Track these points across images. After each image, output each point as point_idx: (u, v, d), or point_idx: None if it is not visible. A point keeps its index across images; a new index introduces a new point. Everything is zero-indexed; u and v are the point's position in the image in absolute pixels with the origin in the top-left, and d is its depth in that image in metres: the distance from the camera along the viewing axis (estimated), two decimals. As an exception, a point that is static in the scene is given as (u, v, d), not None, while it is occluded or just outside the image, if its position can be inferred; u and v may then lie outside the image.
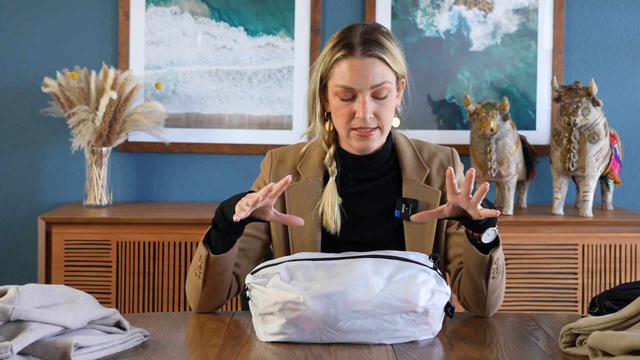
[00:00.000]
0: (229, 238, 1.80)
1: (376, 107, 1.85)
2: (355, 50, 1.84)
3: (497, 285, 1.82)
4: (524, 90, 3.44)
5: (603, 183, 3.30)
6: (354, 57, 1.83)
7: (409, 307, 1.59)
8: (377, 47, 1.84)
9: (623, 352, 1.34)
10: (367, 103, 1.83)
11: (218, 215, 1.78)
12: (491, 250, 1.77)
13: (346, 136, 1.89)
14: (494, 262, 1.77)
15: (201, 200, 3.46)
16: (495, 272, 1.79)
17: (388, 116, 1.87)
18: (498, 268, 1.80)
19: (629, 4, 3.46)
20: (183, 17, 3.40)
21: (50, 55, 3.38)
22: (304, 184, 1.94)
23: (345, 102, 1.85)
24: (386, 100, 1.85)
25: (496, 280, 1.81)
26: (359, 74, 1.83)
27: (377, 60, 1.84)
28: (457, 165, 1.98)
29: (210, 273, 1.82)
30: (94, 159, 3.21)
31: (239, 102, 3.42)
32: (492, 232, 1.75)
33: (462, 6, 3.42)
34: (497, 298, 1.84)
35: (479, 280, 1.80)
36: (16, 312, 1.37)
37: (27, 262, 3.40)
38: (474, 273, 1.80)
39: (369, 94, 1.84)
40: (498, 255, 1.78)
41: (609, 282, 3.04)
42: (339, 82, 1.84)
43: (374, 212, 1.92)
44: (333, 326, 1.58)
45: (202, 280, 1.82)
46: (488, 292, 1.81)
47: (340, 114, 1.86)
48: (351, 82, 1.83)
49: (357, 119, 1.85)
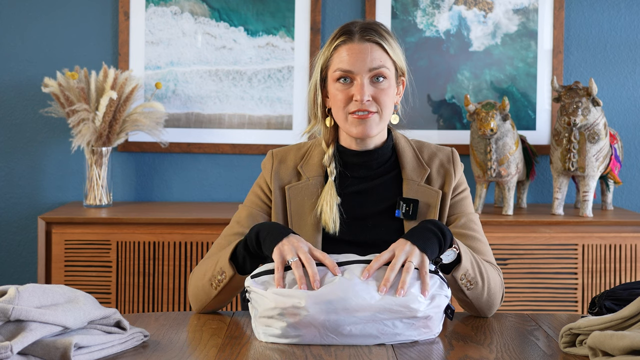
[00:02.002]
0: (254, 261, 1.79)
1: (374, 91, 1.86)
2: (353, 36, 1.86)
3: (479, 294, 1.80)
4: (524, 90, 3.44)
5: (603, 183, 3.30)
6: (352, 42, 1.86)
7: (410, 312, 1.58)
8: (375, 34, 1.86)
9: (623, 352, 1.34)
10: (365, 86, 1.84)
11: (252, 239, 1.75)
12: (452, 270, 1.76)
13: (345, 121, 1.88)
14: (459, 279, 1.76)
15: (201, 200, 3.46)
16: (468, 285, 1.77)
17: (387, 101, 1.87)
18: (470, 281, 1.77)
19: (629, 4, 3.46)
20: (183, 17, 3.40)
21: (50, 55, 3.38)
22: (305, 184, 1.94)
23: (343, 86, 1.86)
24: (384, 86, 1.86)
25: (475, 291, 1.79)
26: (357, 56, 1.84)
27: (375, 46, 1.86)
28: (457, 165, 1.98)
29: (227, 289, 1.81)
30: (94, 159, 3.21)
31: (239, 102, 3.42)
32: (452, 253, 1.73)
33: (462, 6, 3.42)
34: (487, 302, 1.82)
35: (459, 294, 1.80)
36: (16, 312, 1.37)
37: (27, 262, 3.40)
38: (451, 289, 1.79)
39: (367, 77, 1.85)
40: (462, 272, 1.75)
41: (609, 282, 3.04)
42: (337, 66, 1.86)
43: (374, 212, 1.92)
44: (334, 331, 1.58)
45: (216, 292, 1.82)
46: (472, 301, 1.80)
47: (339, 99, 1.86)
48: (349, 65, 1.84)
49: (355, 102, 1.85)
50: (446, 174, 1.95)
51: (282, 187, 1.95)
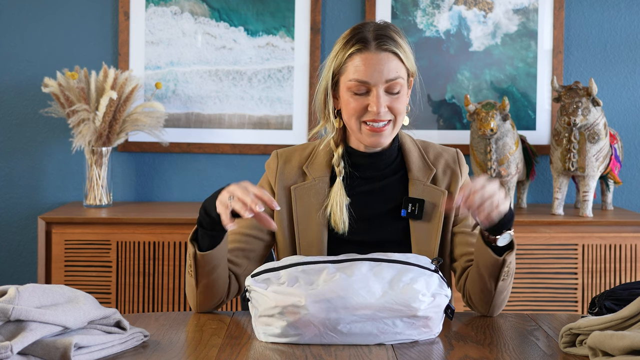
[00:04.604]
0: (214, 234, 1.80)
1: (389, 101, 1.86)
2: (369, 44, 1.84)
3: (505, 287, 1.83)
4: (524, 90, 3.44)
5: (603, 183, 3.30)
6: (368, 51, 1.84)
7: (410, 311, 1.58)
8: (391, 42, 1.85)
9: (623, 352, 1.34)
10: (381, 97, 1.84)
11: (202, 214, 1.79)
12: (505, 253, 1.78)
13: (357, 131, 1.88)
14: (507, 265, 1.78)
15: (201, 200, 3.43)
16: (506, 274, 1.80)
17: (401, 109, 1.88)
18: (509, 271, 1.80)
19: (629, 4, 3.45)
20: (183, 17, 3.40)
21: (50, 55, 3.38)
22: (311, 184, 1.94)
23: (358, 96, 1.86)
24: (399, 95, 1.86)
25: (505, 282, 1.81)
26: (374, 67, 1.83)
27: (392, 55, 1.85)
28: (462, 165, 1.98)
29: (201, 271, 1.82)
30: (94, 159, 3.21)
31: (239, 102, 3.42)
32: (508, 236, 1.77)
33: (462, 6, 3.42)
34: (503, 299, 1.85)
35: (489, 282, 1.81)
36: (16, 312, 1.37)
37: (27, 262, 3.40)
38: (484, 274, 1.81)
39: (383, 88, 1.84)
40: (511, 259, 1.79)
41: (609, 282, 3.04)
42: (353, 76, 1.84)
43: (380, 212, 1.92)
44: (333, 329, 1.58)
45: (194, 279, 1.83)
46: (496, 293, 1.82)
47: (352, 107, 1.86)
48: (366, 76, 1.83)
49: (370, 112, 1.85)
50: (452, 175, 1.95)
51: (287, 188, 1.95)
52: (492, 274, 1.79)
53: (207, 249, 1.81)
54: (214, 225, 1.77)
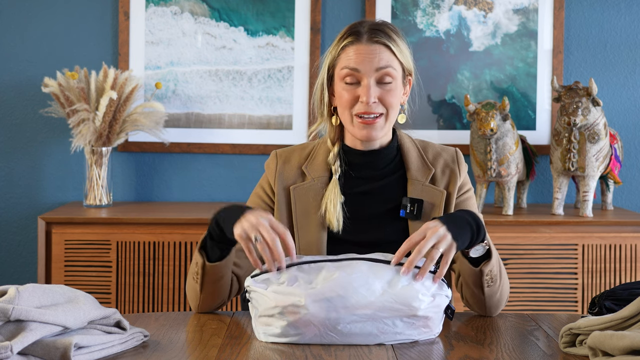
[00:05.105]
0: (223, 247, 1.80)
1: (380, 92, 1.86)
2: (362, 37, 1.86)
3: (494, 291, 1.82)
4: (524, 90, 3.44)
5: (603, 183, 3.30)
6: (360, 43, 1.86)
7: (410, 311, 1.58)
8: (383, 35, 1.87)
9: (623, 352, 1.34)
10: (371, 87, 1.84)
11: (213, 226, 1.77)
12: (482, 263, 1.77)
13: (350, 123, 1.89)
14: (485, 274, 1.77)
15: (201, 200, 3.46)
16: (489, 282, 1.79)
17: (393, 102, 1.87)
18: (493, 278, 1.79)
19: (629, 4, 3.45)
20: (183, 17, 3.40)
21: (50, 55, 3.38)
22: (310, 184, 1.94)
23: (349, 86, 1.86)
24: (391, 87, 1.86)
25: (492, 288, 1.81)
26: (364, 57, 1.85)
27: (383, 47, 1.86)
28: (461, 165, 1.98)
29: (207, 279, 1.81)
30: (94, 159, 3.21)
31: (239, 102, 3.42)
32: (481, 248, 1.75)
33: (462, 6, 3.42)
34: (498, 301, 1.84)
35: (475, 289, 1.81)
36: (16, 312, 1.37)
37: (27, 262, 3.40)
38: (469, 282, 1.81)
39: (374, 78, 1.85)
40: (490, 268, 1.77)
41: (609, 282, 3.04)
42: (344, 64, 1.86)
43: (379, 212, 1.92)
44: (333, 329, 1.58)
45: (199, 286, 1.82)
46: (485, 298, 1.81)
47: (345, 99, 1.87)
48: (356, 64, 1.85)
49: (361, 103, 1.85)
50: (451, 174, 1.95)
51: (286, 188, 1.95)
52: (475, 282, 1.79)
53: (216, 260, 1.80)
54: (224, 239, 1.77)
